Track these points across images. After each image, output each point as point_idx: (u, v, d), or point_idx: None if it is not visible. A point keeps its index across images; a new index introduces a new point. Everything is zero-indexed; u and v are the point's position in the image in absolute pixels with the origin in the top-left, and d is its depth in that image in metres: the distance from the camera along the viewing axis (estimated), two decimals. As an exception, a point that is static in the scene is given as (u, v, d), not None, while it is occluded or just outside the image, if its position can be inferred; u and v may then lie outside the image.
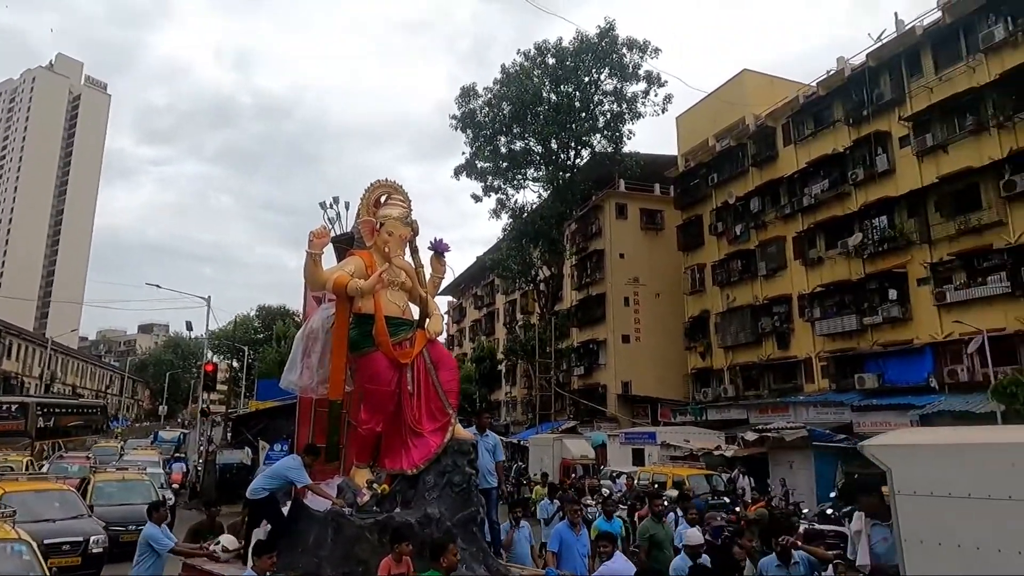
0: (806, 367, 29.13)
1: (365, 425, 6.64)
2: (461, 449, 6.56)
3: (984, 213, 22.70)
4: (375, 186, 7.08)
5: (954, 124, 23.97)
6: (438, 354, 6.94)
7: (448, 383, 6.83)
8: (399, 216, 6.91)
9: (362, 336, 6.55)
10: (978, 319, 21.80)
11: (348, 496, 6.50)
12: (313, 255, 6.34)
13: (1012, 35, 22.33)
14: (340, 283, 6.39)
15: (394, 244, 6.83)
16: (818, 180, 29.03)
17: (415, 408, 6.59)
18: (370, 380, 6.57)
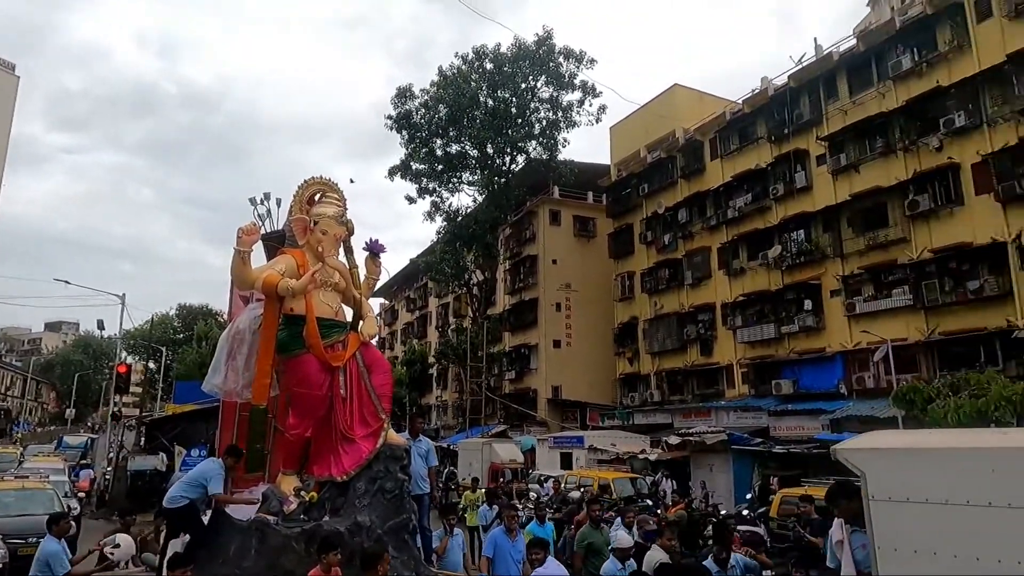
0: (728, 373, 30.26)
1: (293, 430, 6.41)
2: (394, 455, 6.40)
3: (890, 230, 24.22)
4: (309, 183, 6.83)
5: (866, 145, 25.50)
6: (372, 357, 6.77)
7: (381, 387, 6.66)
8: (334, 215, 6.70)
9: (292, 338, 6.31)
10: (883, 329, 23.21)
11: (273, 504, 6.24)
12: (242, 252, 6.05)
13: (918, 65, 23.96)
14: (270, 282, 6.10)
15: (328, 243, 6.62)
16: (742, 194, 30.27)
17: (347, 413, 6.39)
18: (300, 383, 6.33)
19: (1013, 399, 12.48)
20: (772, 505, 14.10)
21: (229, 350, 6.80)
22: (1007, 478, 3.56)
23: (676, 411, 31.47)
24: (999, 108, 21.57)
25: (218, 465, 6.66)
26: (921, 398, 14.61)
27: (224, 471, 6.60)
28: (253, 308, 7.05)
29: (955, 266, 22.36)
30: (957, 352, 21.71)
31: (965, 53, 22.73)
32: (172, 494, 6.72)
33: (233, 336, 6.88)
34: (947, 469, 3.87)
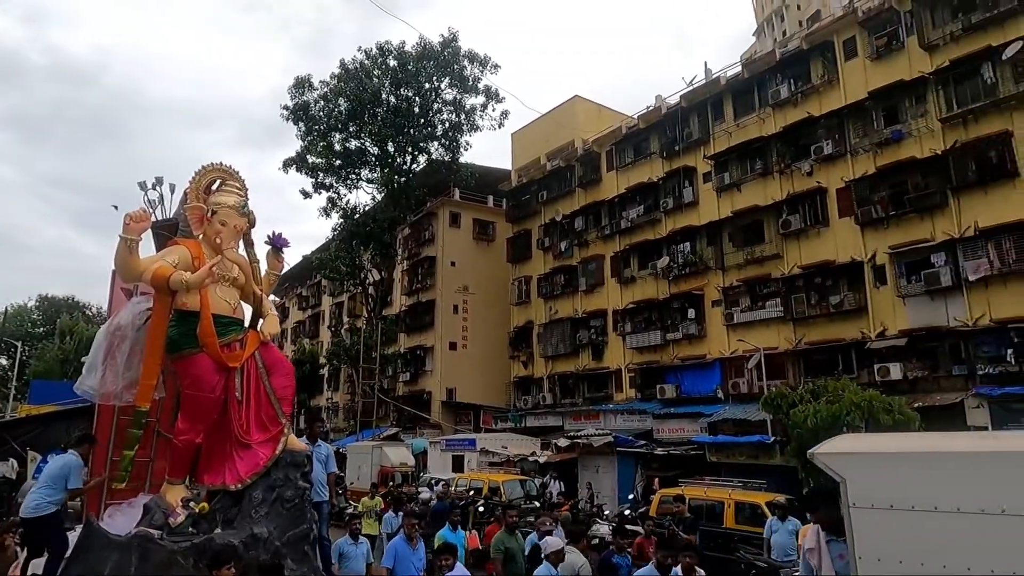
0: (616, 377, 31.38)
1: (182, 436, 5.91)
2: (294, 461, 6.01)
3: (766, 246, 26.06)
4: (207, 169, 6.31)
5: (747, 166, 27.31)
6: (272, 358, 6.34)
7: (282, 389, 6.24)
8: (234, 204, 6.22)
9: (184, 336, 5.80)
10: (757, 338, 24.94)
11: (157, 517, 5.66)
12: (128, 241, 5.46)
13: (794, 95, 25.96)
14: (161, 275, 5.57)
15: (227, 235, 6.13)
16: (635, 205, 31.54)
17: (243, 417, 5.96)
18: (192, 385, 5.84)
19: (862, 405, 13.82)
20: (651, 505, 14.74)
21: (108, 348, 6.21)
22: (1000, 483, 3.42)
23: (567, 414, 32.26)
24: (860, 139, 23.76)
25: (75, 458, 6.23)
26: (786, 403, 15.83)
27: (82, 463, 6.18)
28: (137, 302, 6.53)
29: (820, 282, 24.37)
30: (819, 360, 23.66)
31: (834, 87, 24.87)
32: (34, 501, 6.16)
33: (113, 332, 6.27)
34: (936, 475, 3.68)
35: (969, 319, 20.21)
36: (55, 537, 5.97)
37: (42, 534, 6.04)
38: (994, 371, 19.49)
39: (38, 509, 5.99)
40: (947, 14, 22.35)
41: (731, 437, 21.67)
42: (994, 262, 19.87)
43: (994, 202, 20.24)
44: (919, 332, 21.23)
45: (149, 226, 5.97)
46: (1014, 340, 19.25)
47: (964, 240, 20.62)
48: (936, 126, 21.77)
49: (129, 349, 6.15)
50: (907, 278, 21.92)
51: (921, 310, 21.42)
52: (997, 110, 20.48)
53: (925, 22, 22.57)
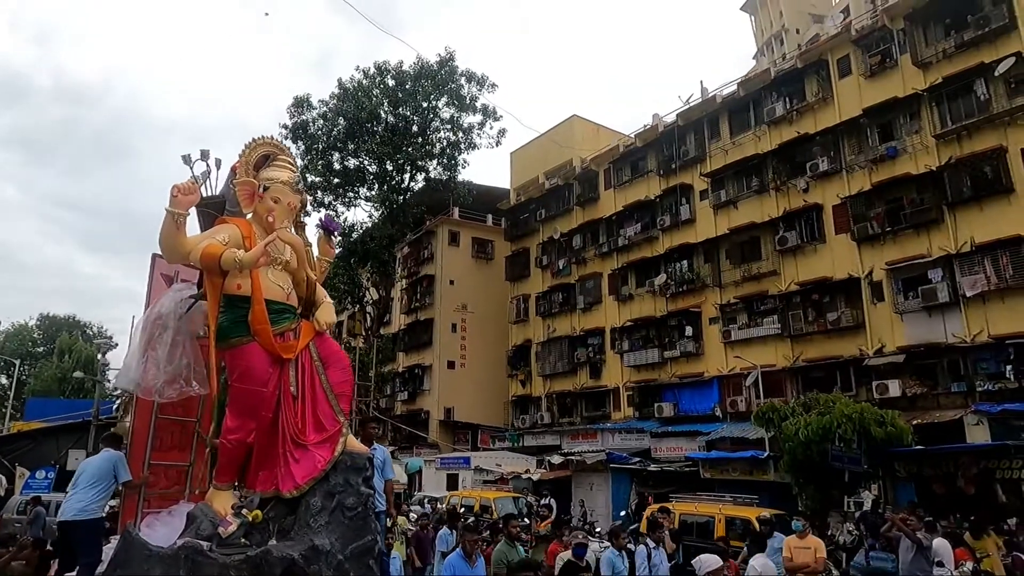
0: (614, 396, 31.09)
1: (232, 435, 5.25)
2: (355, 464, 5.32)
3: (763, 263, 25.94)
4: (257, 143, 5.74)
5: (743, 183, 27.31)
6: (328, 350, 5.70)
7: (340, 385, 5.63)
8: (288, 180, 5.62)
9: (233, 323, 5.19)
10: (755, 356, 24.71)
11: (204, 526, 5.03)
12: (176, 216, 4.86)
13: (789, 113, 26.03)
14: (211, 253, 4.93)
15: (280, 213, 5.51)
16: (632, 223, 31.53)
17: (298, 415, 5.36)
18: (241, 378, 5.21)
19: (853, 417, 13.59)
20: (643, 522, 14.46)
21: (148, 338, 5.71)
22: None
23: (565, 433, 31.92)
24: (856, 156, 23.75)
25: (116, 452, 5.84)
26: (778, 417, 15.60)
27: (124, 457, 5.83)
28: (178, 289, 6.01)
29: (817, 298, 24.19)
30: (817, 377, 23.39)
31: (829, 105, 24.93)
32: (79, 503, 5.62)
33: (153, 321, 5.75)
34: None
35: (967, 335, 19.98)
36: (92, 546, 5.39)
37: (81, 541, 5.44)
38: (993, 387, 19.21)
39: (85, 512, 5.42)
40: (939, 32, 22.46)
41: (725, 453, 21.35)
42: (991, 278, 19.70)
43: (990, 217, 20.12)
44: (917, 349, 20.99)
45: (198, 199, 5.30)
46: (1012, 356, 18.99)
47: (961, 256, 20.48)
48: (930, 142, 21.75)
49: (171, 340, 5.65)
50: (904, 294, 21.74)
51: (919, 326, 21.20)
52: (991, 126, 20.46)
53: (918, 40, 22.68)
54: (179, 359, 5.58)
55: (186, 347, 5.85)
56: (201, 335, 5.99)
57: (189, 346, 5.91)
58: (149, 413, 6.20)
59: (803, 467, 14.86)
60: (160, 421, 6.19)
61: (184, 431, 6.50)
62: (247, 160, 5.62)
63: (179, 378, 5.62)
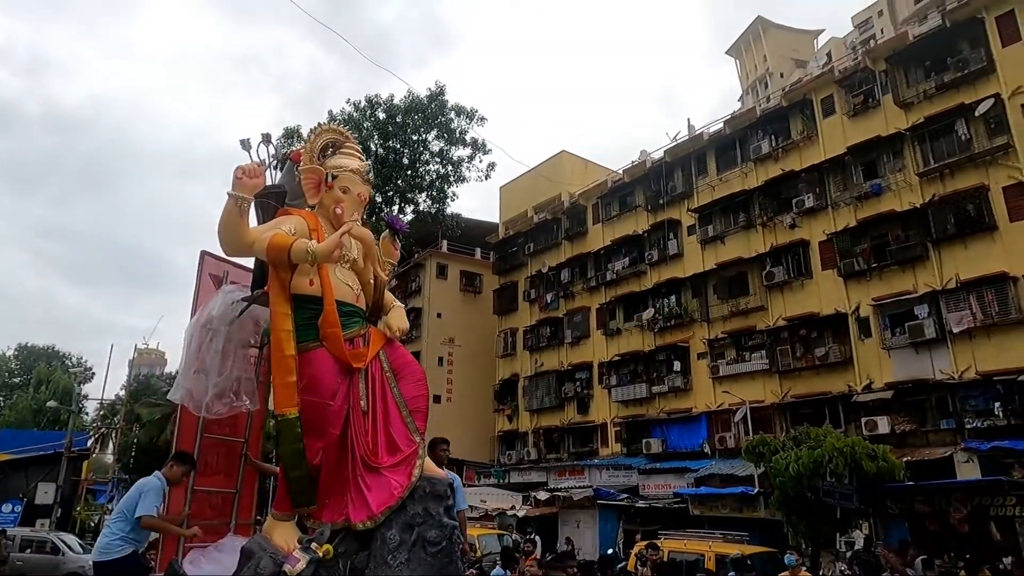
0: (602, 431, 30.67)
1: None
2: (435, 491, 4.57)
3: (751, 298, 25.96)
4: (322, 129, 5.11)
5: (730, 219, 27.50)
6: (400, 360, 4.95)
7: (414, 400, 4.87)
8: (358, 169, 5.00)
9: (299, 326, 4.53)
10: (743, 391, 24.54)
11: (264, 564, 4.38)
12: (239, 200, 4.22)
13: (774, 151, 26.40)
14: (279, 243, 4.25)
15: (349, 204, 4.85)
16: (620, 257, 31.58)
17: (369, 433, 4.65)
18: (308, 389, 4.49)
19: (844, 451, 13.39)
20: (630, 560, 14.05)
21: (198, 346, 5.14)
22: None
23: (551, 469, 31.36)
24: (841, 193, 24.03)
25: (157, 480, 4.96)
26: (769, 451, 15.35)
27: (166, 486, 4.98)
28: (229, 291, 5.41)
29: (805, 334, 24.16)
30: (806, 413, 23.15)
31: (814, 143, 25.32)
32: (104, 541, 4.99)
33: (202, 327, 5.16)
34: None
35: (955, 371, 19.94)
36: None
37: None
38: (982, 425, 19.10)
39: (107, 550, 4.76)
40: (920, 74, 22.99)
41: (714, 489, 20.98)
42: (977, 314, 19.77)
43: (974, 255, 20.30)
44: (905, 385, 20.91)
45: (263, 184, 4.61)
46: (1001, 392, 18.94)
47: (946, 292, 20.58)
48: (914, 180, 22.06)
49: (221, 348, 5.08)
50: (891, 330, 21.75)
51: (907, 362, 21.16)
52: (973, 165, 20.80)
53: (899, 81, 23.19)
54: (230, 370, 5.04)
55: (237, 356, 5.31)
56: (252, 343, 5.49)
57: (240, 355, 5.37)
58: (194, 432, 5.46)
59: (794, 503, 14.57)
60: (205, 441, 5.50)
61: (231, 453, 5.78)
62: (312, 147, 4.99)
63: (228, 391, 5.07)
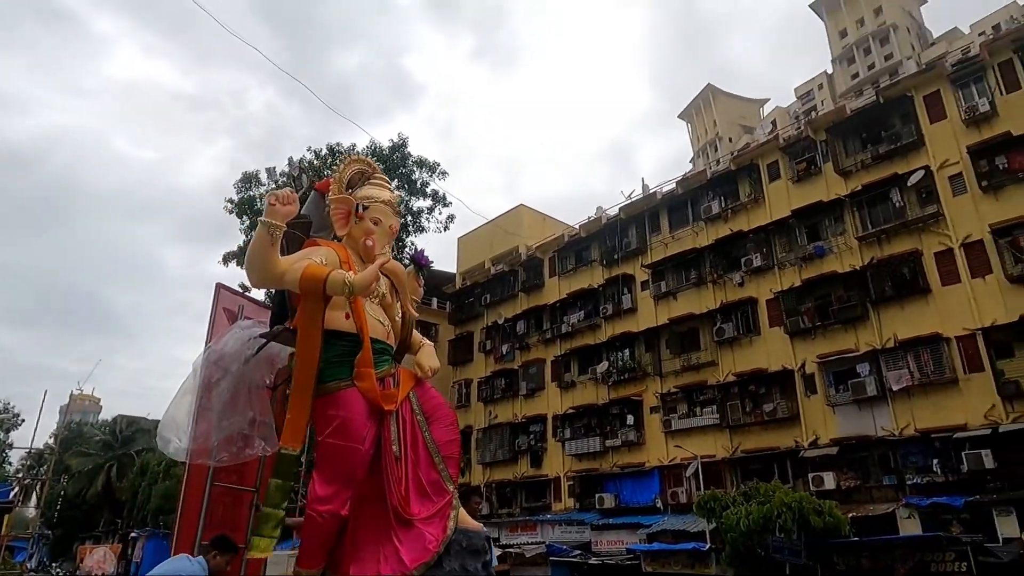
0: (555, 485, 30.37)
1: (324, 506, 4.09)
2: (472, 546, 4.28)
3: (702, 353, 26.51)
4: (352, 159, 4.89)
5: (682, 275, 28.28)
6: (432, 403, 4.67)
7: (447, 446, 4.56)
8: (389, 200, 4.78)
9: (331, 364, 4.23)
10: (695, 446, 24.77)
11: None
12: (271, 227, 3.92)
13: (724, 211, 27.47)
14: (315, 274, 4.00)
15: (380, 237, 4.63)
16: (576, 310, 31.97)
17: (403, 482, 4.30)
18: (338, 432, 4.12)
19: (793, 506, 13.61)
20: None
21: (205, 384, 4.77)
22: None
23: (504, 525, 30.73)
24: (786, 254, 25.05)
25: (199, 566, 4.50)
26: (719, 506, 15.47)
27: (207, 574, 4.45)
28: (246, 327, 5.07)
29: (754, 389, 24.70)
30: (755, 469, 23.48)
31: (760, 205, 26.47)
32: None
33: (213, 364, 4.82)
34: None
35: (895, 429, 20.61)
36: None
37: None
38: (922, 481, 19.66)
39: None
40: (857, 144, 24.47)
41: (667, 544, 20.90)
42: (914, 373, 20.60)
43: (910, 316, 21.29)
44: (849, 441, 21.46)
45: (296, 211, 4.31)
46: (938, 449, 19.61)
47: (886, 351, 21.43)
48: (854, 243, 23.18)
49: (232, 388, 4.72)
50: (836, 387, 22.44)
51: (850, 419, 21.78)
52: (907, 231, 22.02)
53: (839, 150, 24.61)
54: (240, 412, 4.64)
55: (252, 397, 4.91)
56: (267, 384, 5.13)
57: (254, 396, 4.96)
58: (203, 482, 4.90)
59: (744, 559, 14.64)
60: (217, 490, 5.03)
61: (238, 504, 5.29)
62: (341, 177, 4.75)
63: (238, 437, 4.66)
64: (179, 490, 5.35)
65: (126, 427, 55.40)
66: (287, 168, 33.76)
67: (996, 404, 18.82)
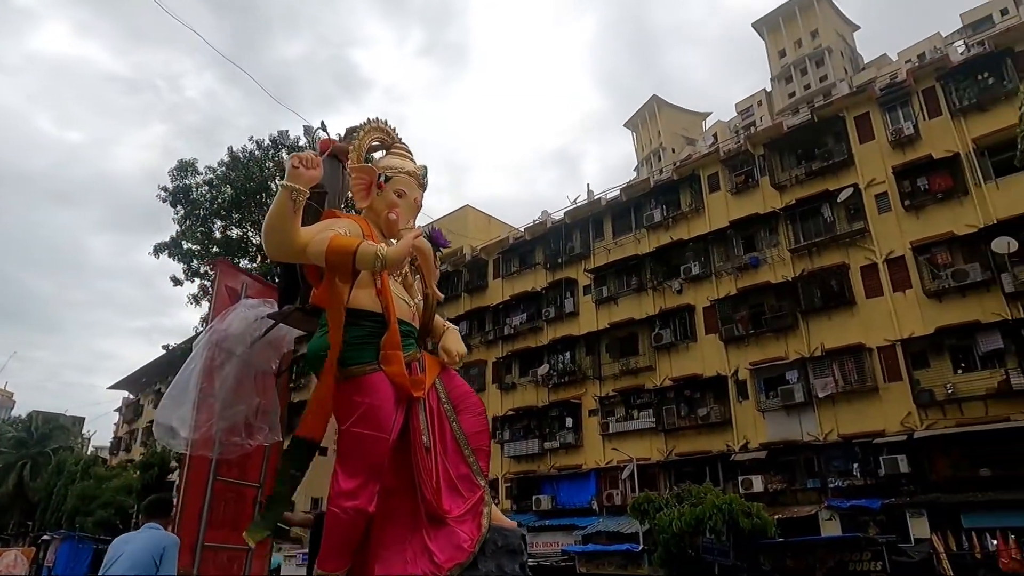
0: (494, 488, 30.30)
1: (349, 502, 3.69)
2: (508, 545, 3.95)
3: (640, 358, 27.03)
4: (372, 125, 4.42)
5: (623, 281, 28.78)
6: (459, 390, 4.34)
7: (476, 437, 4.23)
8: (413, 172, 4.37)
9: (354, 346, 3.78)
10: (631, 449, 25.22)
11: None
12: (294, 193, 3.54)
13: (665, 220, 28.11)
14: (343, 246, 3.57)
15: (405, 210, 4.22)
16: (518, 313, 32.10)
17: (434, 475, 3.94)
18: (363, 420, 3.71)
19: (723, 508, 14.05)
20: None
21: (205, 370, 4.34)
22: None
23: (439, 527, 30.53)
24: (724, 263, 25.82)
25: (168, 534, 4.27)
26: (653, 508, 15.82)
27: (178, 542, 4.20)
28: (252, 306, 4.69)
29: (689, 394, 25.34)
30: (689, 472, 24.08)
31: (700, 215, 27.20)
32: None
33: (215, 346, 4.36)
34: None
35: (820, 434, 21.50)
36: None
37: None
38: (843, 484, 20.57)
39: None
40: (792, 160, 25.46)
41: (601, 546, 21.20)
42: (839, 381, 21.55)
43: (836, 326, 22.26)
44: (778, 446, 22.26)
45: (320, 177, 3.89)
46: (859, 455, 20.56)
47: (813, 360, 22.34)
48: (787, 255, 24.09)
49: (236, 373, 4.34)
50: (766, 393, 23.25)
51: (779, 424, 22.60)
52: (836, 245, 23.03)
53: (775, 165, 25.55)
54: (246, 399, 4.29)
55: (258, 383, 4.59)
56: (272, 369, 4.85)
57: (260, 382, 4.64)
58: (205, 474, 4.49)
59: (676, 560, 15.00)
60: (219, 485, 4.66)
61: (240, 500, 4.90)
62: (360, 146, 4.35)
63: (242, 426, 4.29)
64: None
65: (42, 424, 52.54)
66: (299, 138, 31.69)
67: (912, 412, 19.87)
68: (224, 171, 31.91)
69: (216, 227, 32.55)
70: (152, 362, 48.53)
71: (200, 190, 31.91)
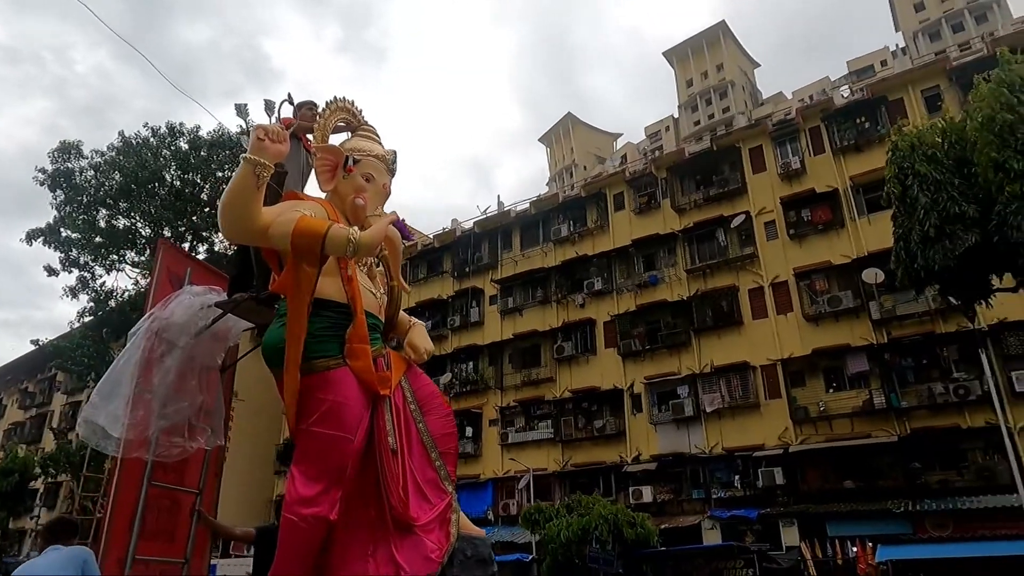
0: (389, 497, 29.80)
1: (309, 508, 3.32)
2: (477, 554, 3.73)
3: (542, 369, 27.44)
4: (337, 106, 4.11)
5: (529, 293, 29.19)
6: (425, 390, 4.01)
7: (444, 440, 3.91)
8: (382, 155, 4.04)
9: (318, 339, 3.46)
10: (529, 459, 25.50)
11: None
12: (258, 167, 3.19)
13: (572, 235, 28.77)
14: (311, 229, 3.23)
15: (372, 196, 3.84)
16: (424, 320, 31.68)
17: (401, 481, 3.63)
18: (326, 419, 3.38)
19: (609, 518, 14.46)
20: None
21: (143, 362, 3.90)
22: None
23: (331, 537, 29.64)
24: (625, 280, 26.71)
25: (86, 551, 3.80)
26: (543, 519, 16.04)
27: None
28: (197, 293, 4.28)
29: (587, 406, 25.97)
30: (583, 482, 24.59)
31: (605, 232, 28.03)
32: None
33: (155, 335, 3.97)
34: None
35: (706, 447, 22.55)
36: None
37: None
38: (725, 495, 21.67)
39: None
40: (692, 185, 26.75)
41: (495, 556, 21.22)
42: (725, 396, 22.73)
43: (725, 344, 23.48)
44: (667, 457, 23.16)
45: (287, 152, 3.54)
46: (740, 467, 21.73)
47: (703, 376, 23.45)
48: (683, 275, 25.21)
49: (179, 368, 3.96)
50: (659, 407, 24.17)
51: (669, 437, 23.53)
52: (728, 267, 24.34)
53: (676, 189, 26.74)
54: (188, 396, 3.90)
55: (201, 379, 4.19)
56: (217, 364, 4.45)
57: (204, 379, 4.25)
58: (138, 481, 4.07)
59: (564, 570, 15.26)
60: (154, 492, 4.20)
61: (176, 509, 4.47)
62: (324, 125, 4.02)
63: (183, 427, 3.90)
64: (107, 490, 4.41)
65: None
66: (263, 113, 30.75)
67: (788, 427, 21.24)
68: (114, 156, 29.84)
69: (101, 216, 30.39)
70: (20, 358, 44.63)
71: (85, 175, 29.71)
